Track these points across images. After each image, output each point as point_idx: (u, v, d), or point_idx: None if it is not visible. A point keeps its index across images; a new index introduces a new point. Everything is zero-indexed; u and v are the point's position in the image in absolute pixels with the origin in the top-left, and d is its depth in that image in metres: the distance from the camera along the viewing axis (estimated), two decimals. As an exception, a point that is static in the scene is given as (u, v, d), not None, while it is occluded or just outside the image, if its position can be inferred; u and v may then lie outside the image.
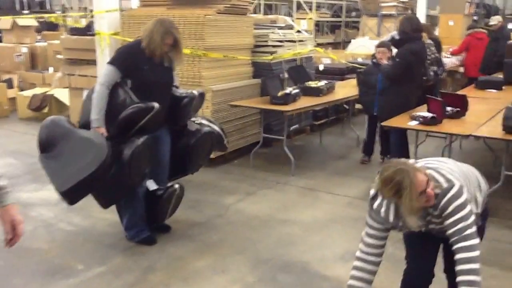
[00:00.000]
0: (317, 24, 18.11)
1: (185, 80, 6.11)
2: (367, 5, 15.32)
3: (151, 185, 4.28)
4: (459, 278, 2.52)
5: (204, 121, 4.65)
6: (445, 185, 2.57)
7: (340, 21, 18.35)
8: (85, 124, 4.02)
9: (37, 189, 5.53)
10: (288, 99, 6.22)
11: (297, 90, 6.55)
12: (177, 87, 4.38)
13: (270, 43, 7.18)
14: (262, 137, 6.49)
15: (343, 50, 13.61)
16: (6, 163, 6.47)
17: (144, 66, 4.00)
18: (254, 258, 4.13)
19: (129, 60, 4.02)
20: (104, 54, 6.77)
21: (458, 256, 2.54)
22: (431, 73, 6.05)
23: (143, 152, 3.91)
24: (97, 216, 4.73)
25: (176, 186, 4.35)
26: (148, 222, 4.32)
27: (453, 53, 9.86)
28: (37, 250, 4.22)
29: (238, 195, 5.47)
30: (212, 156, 5.34)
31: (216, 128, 4.68)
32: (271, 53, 7.15)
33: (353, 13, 18.53)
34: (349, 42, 14.44)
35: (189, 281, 3.78)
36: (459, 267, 2.52)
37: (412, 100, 5.71)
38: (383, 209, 2.68)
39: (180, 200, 4.49)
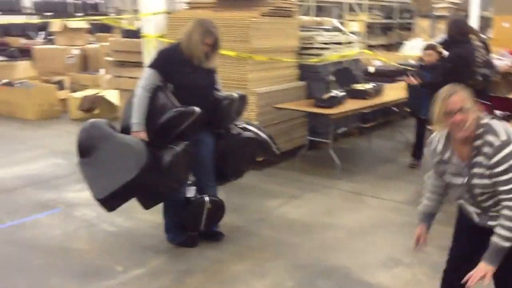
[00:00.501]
0: (369, 26, 17.85)
1: (230, 83, 6.06)
2: (419, 6, 15.00)
3: (190, 192, 4.19)
4: (497, 230, 2.51)
5: (249, 126, 4.48)
6: (503, 137, 2.47)
7: (393, 23, 18.01)
8: (126, 128, 3.95)
9: (83, 189, 5.53)
10: (333, 102, 6.09)
11: (343, 93, 6.40)
12: (218, 90, 4.26)
13: (316, 45, 7.07)
14: (307, 140, 6.38)
15: (396, 52, 13.31)
16: (54, 163, 6.62)
17: (184, 69, 3.93)
18: (294, 262, 4.04)
19: (169, 62, 3.96)
20: (150, 56, 6.81)
21: (504, 212, 2.50)
22: (479, 77, 5.72)
23: (182, 159, 3.83)
24: (139, 218, 4.74)
25: (207, 198, 4.12)
26: (186, 228, 4.27)
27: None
28: (77, 250, 4.26)
29: (282, 198, 5.38)
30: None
31: (263, 134, 4.47)
32: (317, 55, 7.03)
33: (406, 15, 18.14)
34: (402, 43, 14.13)
35: (226, 285, 3.73)
36: (502, 222, 2.50)
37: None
38: (435, 139, 2.74)
39: (215, 212, 4.22)
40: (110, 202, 3.74)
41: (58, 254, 4.21)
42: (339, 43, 7.47)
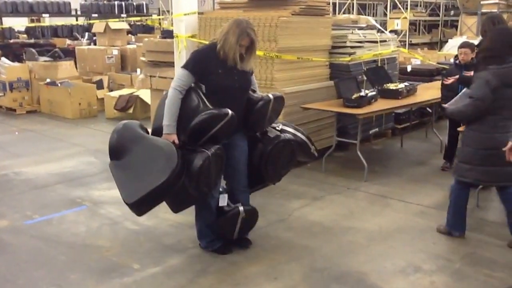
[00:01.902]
0: (413, 23, 17.50)
1: (257, 82, 6.03)
2: (466, 3, 14.54)
3: (222, 200, 4.08)
4: None
5: (287, 128, 4.34)
6: None
7: (438, 20, 17.59)
8: (158, 129, 3.87)
9: (110, 187, 5.69)
10: (362, 102, 5.99)
11: (373, 93, 6.29)
12: (254, 91, 4.14)
13: (348, 44, 6.96)
14: (335, 140, 6.29)
15: (437, 51, 13.00)
16: (87, 161, 6.77)
17: (218, 70, 3.83)
18: (310, 266, 3.99)
19: (203, 63, 3.85)
20: (181, 57, 6.89)
21: None
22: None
23: (213, 163, 3.70)
24: (162, 217, 4.79)
25: (241, 208, 4.06)
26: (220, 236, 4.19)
27: None
28: (98, 247, 4.34)
29: (305, 199, 5.32)
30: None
31: (301, 135, 4.33)
32: (349, 54, 6.92)
33: (452, 12, 17.67)
34: (447, 42, 13.78)
35: (238, 287, 3.72)
36: None
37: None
38: None
39: (252, 223, 4.24)
40: (140, 206, 3.66)
41: (80, 250, 4.31)
42: (374, 42, 7.35)
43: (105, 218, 4.93)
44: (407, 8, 15.80)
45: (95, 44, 12.51)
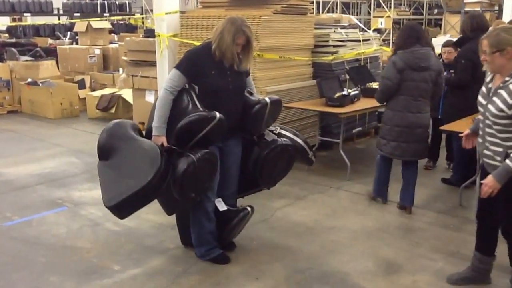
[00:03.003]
0: (397, 22, 17.58)
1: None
2: (449, 2, 14.64)
3: (220, 205, 3.97)
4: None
5: (285, 132, 4.21)
6: None
7: (422, 19, 17.69)
8: (150, 131, 3.76)
9: (91, 188, 5.65)
10: (345, 101, 5.99)
11: (356, 92, 6.30)
12: (251, 93, 3.99)
13: (331, 43, 6.96)
14: (318, 139, 6.29)
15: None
16: (68, 161, 6.70)
17: (212, 71, 3.70)
18: (292, 266, 3.97)
19: (196, 64, 3.72)
20: (163, 56, 6.85)
21: None
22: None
23: (200, 168, 3.55)
24: (143, 218, 4.74)
25: (249, 208, 4.03)
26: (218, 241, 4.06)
27: None
28: (78, 248, 4.29)
29: (287, 199, 5.31)
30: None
31: (299, 140, 4.21)
32: (332, 53, 6.93)
33: (435, 10, 17.79)
34: (431, 40, 13.83)
35: (220, 287, 3.69)
36: None
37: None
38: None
39: (248, 220, 4.18)
40: (121, 209, 3.54)
41: (60, 252, 4.25)
42: (357, 40, 7.35)
43: (86, 219, 4.88)
44: (390, 7, 15.88)
45: (77, 44, 12.39)
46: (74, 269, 3.96)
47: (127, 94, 8.76)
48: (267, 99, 3.91)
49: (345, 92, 6.15)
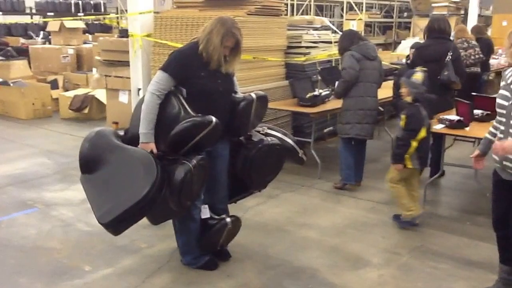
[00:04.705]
0: (369, 25, 17.81)
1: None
2: (418, 6, 14.91)
3: (205, 212, 3.84)
4: None
5: (273, 132, 4.04)
6: None
7: (392, 22, 17.96)
8: (134, 137, 3.54)
9: (63, 188, 5.63)
10: (316, 101, 6.08)
11: (327, 92, 6.38)
12: (235, 92, 3.82)
13: (303, 44, 7.05)
14: (291, 139, 6.34)
15: (391, 51, 13.27)
16: (40, 162, 6.65)
17: (200, 73, 3.50)
18: (263, 263, 4.03)
19: (184, 66, 3.51)
20: (136, 56, 6.84)
21: None
22: (452, 76, 5.67)
23: (196, 175, 3.40)
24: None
25: (228, 220, 3.87)
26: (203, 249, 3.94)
27: None
28: (49, 249, 4.27)
29: (260, 198, 5.33)
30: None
31: (288, 140, 4.09)
32: (304, 54, 7.01)
33: (405, 14, 18.10)
34: (400, 43, 14.07)
35: (192, 286, 3.73)
36: None
37: (441, 103, 5.48)
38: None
39: (235, 232, 4.05)
40: (117, 225, 3.30)
41: (30, 253, 4.22)
42: (329, 42, 7.45)
43: (57, 220, 4.86)
44: (362, 10, 16.08)
45: (50, 43, 12.28)
46: (44, 270, 3.93)
47: (101, 94, 8.73)
48: (253, 95, 3.74)
49: (316, 93, 6.23)
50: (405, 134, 4.45)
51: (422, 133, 4.41)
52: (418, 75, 4.55)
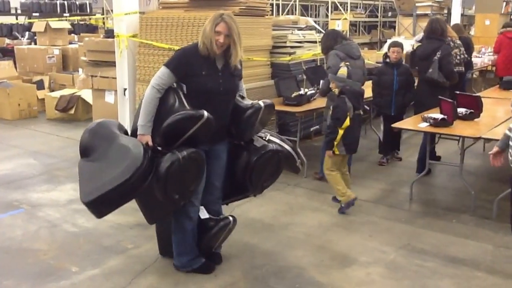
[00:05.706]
0: (354, 24, 17.91)
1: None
2: (402, 5, 15.03)
3: (203, 212, 3.86)
4: None
5: (273, 138, 4.08)
6: None
7: (377, 21, 18.07)
8: (135, 131, 3.64)
9: (49, 189, 5.62)
10: (302, 100, 6.12)
11: (312, 91, 6.43)
12: (242, 97, 3.87)
13: (288, 44, 7.08)
14: (276, 138, 6.37)
15: (376, 51, 13.37)
16: (25, 163, 6.62)
17: (202, 71, 3.57)
18: (250, 262, 4.06)
19: (186, 63, 3.59)
20: (122, 56, 6.83)
21: None
22: (435, 74, 5.81)
23: (185, 167, 3.43)
24: (102, 218, 4.72)
25: (230, 218, 3.93)
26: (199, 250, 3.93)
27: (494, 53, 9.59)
28: (35, 251, 4.27)
29: (245, 197, 5.39)
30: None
31: (287, 147, 4.10)
32: (290, 54, 7.05)
33: (390, 13, 18.23)
34: (386, 42, 14.16)
35: (179, 286, 3.74)
36: None
37: (426, 101, 5.56)
38: None
39: (231, 232, 4.04)
40: (98, 206, 3.40)
41: (16, 254, 4.22)
42: (314, 42, 7.50)
43: (43, 221, 4.85)
44: (347, 10, 16.17)
45: (36, 44, 12.21)
46: (29, 272, 3.93)
47: (87, 95, 8.71)
48: (261, 103, 3.79)
49: (302, 92, 6.28)
50: (331, 123, 4.92)
51: (347, 122, 4.79)
52: (343, 70, 5.08)
